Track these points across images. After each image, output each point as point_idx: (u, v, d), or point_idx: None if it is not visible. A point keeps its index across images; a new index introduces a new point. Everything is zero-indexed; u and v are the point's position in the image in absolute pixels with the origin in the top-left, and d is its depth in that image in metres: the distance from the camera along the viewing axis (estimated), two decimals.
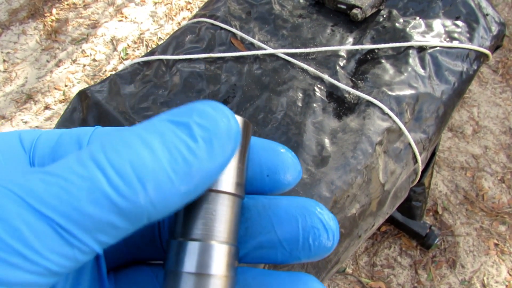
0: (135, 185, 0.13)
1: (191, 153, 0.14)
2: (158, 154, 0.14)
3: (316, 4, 0.79)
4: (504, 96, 1.60)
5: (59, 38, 1.85)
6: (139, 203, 0.13)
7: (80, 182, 0.13)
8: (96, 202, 0.13)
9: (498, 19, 0.75)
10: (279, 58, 0.71)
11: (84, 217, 0.13)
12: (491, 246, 1.27)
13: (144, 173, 0.13)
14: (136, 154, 0.14)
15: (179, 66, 0.70)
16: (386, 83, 0.66)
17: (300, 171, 0.19)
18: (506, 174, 1.41)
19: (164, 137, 0.14)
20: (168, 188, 0.14)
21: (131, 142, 0.14)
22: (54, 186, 0.13)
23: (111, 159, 0.14)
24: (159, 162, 0.14)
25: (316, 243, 0.17)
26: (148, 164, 0.14)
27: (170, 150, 0.14)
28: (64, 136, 0.19)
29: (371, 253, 1.27)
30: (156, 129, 0.14)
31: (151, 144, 0.14)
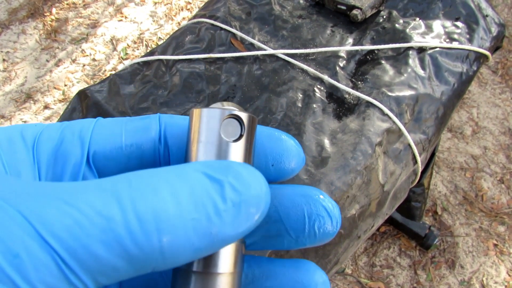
0: (152, 236, 0.13)
1: (217, 215, 0.14)
2: (184, 209, 0.13)
3: (316, 5, 0.79)
4: (503, 97, 1.60)
5: (59, 37, 1.85)
6: (151, 253, 0.13)
7: (96, 219, 0.12)
8: (107, 245, 0.12)
9: (497, 20, 0.75)
10: (279, 58, 0.71)
11: (90, 257, 0.12)
12: (490, 246, 1.27)
13: (165, 225, 0.13)
14: (162, 203, 0.13)
15: (179, 67, 0.70)
16: (386, 84, 0.66)
17: (303, 158, 0.19)
18: (506, 174, 1.41)
19: (194, 191, 0.14)
20: (183, 244, 0.13)
21: (159, 188, 0.13)
22: (68, 218, 0.12)
23: (136, 203, 0.13)
24: (183, 217, 0.13)
25: (321, 230, 0.18)
26: (171, 217, 0.13)
27: (197, 206, 0.13)
28: (66, 131, 0.19)
29: (370, 254, 1.27)
30: (188, 180, 0.14)
31: (179, 195, 0.13)
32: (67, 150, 0.18)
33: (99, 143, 0.19)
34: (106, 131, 0.19)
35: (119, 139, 0.19)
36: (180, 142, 0.20)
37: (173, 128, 0.20)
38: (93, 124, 0.19)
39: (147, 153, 0.19)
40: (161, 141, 0.19)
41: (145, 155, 0.19)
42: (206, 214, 0.14)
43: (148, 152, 0.19)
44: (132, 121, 0.20)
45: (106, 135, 0.19)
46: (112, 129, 0.19)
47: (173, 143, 0.20)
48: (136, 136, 0.19)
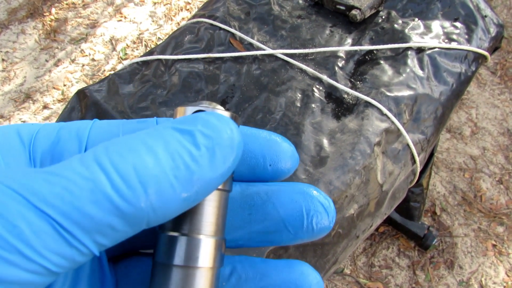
0: (137, 188, 0.14)
1: (194, 161, 0.15)
2: (161, 160, 0.14)
3: (315, 5, 0.79)
4: (502, 98, 1.60)
5: (58, 37, 1.84)
6: (140, 207, 0.14)
7: (83, 183, 0.13)
8: (97, 203, 0.13)
9: (496, 21, 0.76)
10: (278, 58, 0.71)
11: (84, 218, 0.13)
12: (489, 247, 1.28)
13: (147, 178, 0.14)
14: (139, 159, 0.14)
15: (178, 66, 0.70)
16: (384, 84, 0.66)
17: (297, 158, 0.20)
18: (504, 175, 1.41)
19: (168, 144, 0.14)
20: (169, 193, 0.14)
21: (135, 147, 0.14)
22: (57, 186, 0.13)
23: (115, 162, 0.14)
24: (162, 168, 0.14)
25: (318, 225, 0.19)
26: (151, 169, 0.14)
27: (173, 156, 0.14)
28: (63, 130, 0.19)
29: (369, 254, 1.27)
30: (161, 136, 0.15)
31: (155, 150, 0.14)
32: (64, 149, 0.18)
33: (96, 143, 0.19)
34: (103, 132, 0.19)
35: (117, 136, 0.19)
36: None
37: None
38: (90, 125, 0.19)
39: None
40: None
41: None
42: (183, 162, 0.14)
43: None
44: (129, 124, 0.20)
45: (104, 135, 0.19)
46: (109, 129, 0.19)
47: None
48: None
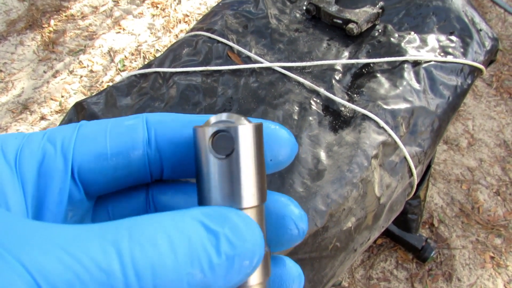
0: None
1: (211, 270, 0.14)
2: (180, 263, 0.13)
3: (312, 18, 0.80)
4: (498, 110, 1.62)
5: (57, 49, 1.85)
6: None
7: (96, 274, 0.12)
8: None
9: (491, 35, 0.76)
10: (275, 71, 0.71)
11: None
12: (487, 259, 1.27)
13: (161, 282, 0.13)
14: (159, 258, 0.13)
15: (176, 79, 0.70)
16: (381, 97, 0.67)
17: (296, 146, 0.19)
18: (501, 187, 1.42)
19: (191, 243, 0.14)
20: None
21: (158, 239, 0.14)
22: (70, 273, 0.12)
23: (135, 256, 0.13)
24: (178, 272, 0.13)
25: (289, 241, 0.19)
26: (168, 273, 0.13)
27: (193, 261, 0.14)
28: (47, 146, 0.18)
29: (367, 266, 1.27)
30: (186, 230, 0.14)
31: (176, 248, 0.14)
32: (50, 166, 0.18)
33: (82, 155, 0.18)
34: (89, 140, 0.18)
35: (104, 148, 0.18)
36: (172, 143, 0.19)
37: (163, 128, 0.19)
38: (75, 133, 0.19)
39: (134, 160, 0.19)
40: (151, 144, 0.19)
41: (132, 162, 0.19)
42: (200, 268, 0.14)
43: (136, 158, 0.19)
44: (117, 125, 0.19)
45: (90, 145, 0.18)
46: (95, 136, 0.19)
47: (165, 145, 0.19)
48: (122, 142, 0.19)
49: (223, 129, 0.16)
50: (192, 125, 0.19)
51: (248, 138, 0.17)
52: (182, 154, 0.19)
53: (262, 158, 0.17)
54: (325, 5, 0.77)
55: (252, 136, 0.17)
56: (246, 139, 0.16)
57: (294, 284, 0.19)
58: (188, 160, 0.19)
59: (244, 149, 0.16)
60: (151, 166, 0.19)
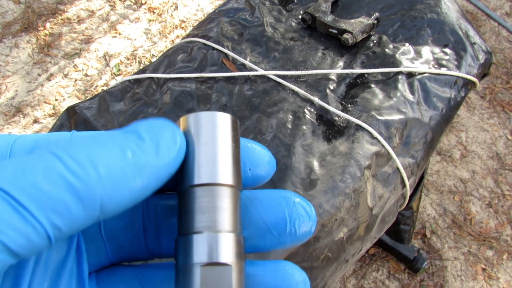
0: (89, 169, 0.14)
1: (140, 149, 0.16)
2: (111, 149, 0.15)
3: (307, 28, 0.80)
4: (491, 122, 1.63)
5: (52, 52, 1.84)
6: (92, 185, 0.14)
7: (36, 164, 0.14)
8: (51, 180, 0.14)
9: (485, 48, 0.77)
10: (270, 79, 0.71)
11: (38, 192, 0.14)
12: (479, 271, 1.27)
13: (97, 161, 0.15)
14: (91, 148, 0.15)
15: (170, 85, 0.70)
16: (375, 108, 0.67)
17: (274, 164, 0.21)
18: (494, 199, 1.42)
19: (115, 139, 0.16)
20: (120, 177, 0.15)
21: (85, 142, 0.15)
22: (10, 166, 0.14)
23: (68, 150, 0.15)
24: (111, 154, 0.15)
25: (301, 229, 0.20)
26: (101, 155, 0.15)
27: (122, 147, 0.16)
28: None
29: (359, 276, 1.26)
30: (109, 134, 0.16)
31: (104, 143, 0.16)
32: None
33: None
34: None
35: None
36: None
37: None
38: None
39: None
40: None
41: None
42: (131, 150, 0.16)
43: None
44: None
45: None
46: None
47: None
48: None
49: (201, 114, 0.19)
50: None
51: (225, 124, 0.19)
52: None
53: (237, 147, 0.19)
54: (320, 14, 0.77)
55: (229, 124, 0.19)
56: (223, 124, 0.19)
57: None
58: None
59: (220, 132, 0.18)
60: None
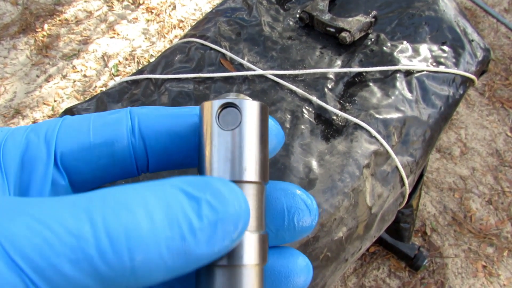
0: (124, 255, 0.12)
1: (192, 234, 0.13)
2: (158, 227, 0.13)
3: (305, 26, 0.80)
4: (490, 119, 1.62)
5: (50, 53, 1.84)
6: (122, 274, 0.13)
7: (66, 238, 0.12)
8: (76, 264, 0.12)
9: (483, 45, 0.77)
10: (268, 79, 0.71)
11: (59, 278, 0.12)
12: (479, 268, 1.27)
13: (137, 244, 0.13)
14: (134, 221, 0.13)
15: (168, 86, 0.70)
16: (373, 106, 0.67)
17: (282, 136, 0.20)
18: (494, 196, 1.42)
19: (169, 208, 0.13)
20: (156, 263, 0.13)
21: (133, 205, 0.13)
22: (37, 236, 0.12)
23: (108, 221, 0.13)
24: (156, 236, 0.13)
25: (300, 223, 0.19)
26: (144, 236, 0.13)
27: (172, 225, 0.13)
28: (31, 134, 0.18)
29: (359, 274, 1.26)
30: (164, 196, 0.14)
31: (153, 213, 0.13)
32: (33, 154, 0.18)
33: (66, 143, 0.18)
34: (73, 130, 0.19)
35: (87, 137, 0.19)
36: (157, 133, 0.19)
37: (148, 119, 0.19)
38: (59, 124, 0.19)
39: (119, 150, 0.19)
40: (135, 134, 0.19)
41: (116, 151, 0.19)
42: (180, 233, 0.13)
43: (120, 148, 0.19)
44: (100, 117, 0.19)
45: (73, 134, 0.18)
46: (79, 127, 0.19)
47: (150, 135, 0.19)
48: (105, 132, 0.19)
49: (230, 102, 0.17)
50: (175, 116, 0.19)
51: (253, 114, 0.17)
52: (166, 143, 0.19)
53: (266, 137, 0.17)
54: (318, 13, 0.77)
55: (257, 113, 0.17)
56: (251, 114, 0.17)
57: (301, 275, 0.19)
58: (173, 150, 0.19)
59: (249, 123, 0.17)
60: (136, 155, 0.19)
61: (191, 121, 0.19)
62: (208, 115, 0.17)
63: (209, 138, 0.17)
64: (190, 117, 0.19)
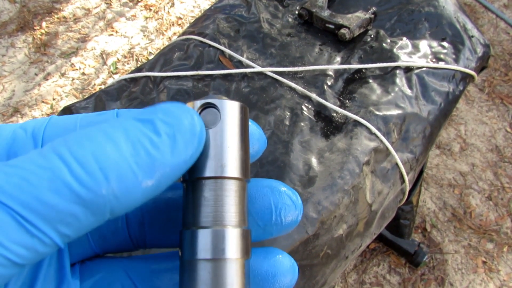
0: (97, 175, 0.13)
1: (154, 147, 0.15)
2: (122, 147, 0.14)
3: (304, 23, 0.80)
4: (490, 115, 1.62)
5: (48, 51, 1.84)
6: (101, 194, 0.13)
7: (41, 172, 0.13)
8: (57, 192, 0.13)
9: (483, 41, 0.77)
10: (267, 76, 0.71)
11: (44, 207, 0.13)
12: (479, 264, 1.27)
13: (107, 164, 0.14)
14: (99, 147, 0.14)
15: (167, 83, 0.70)
16: (373, 103, 0.67)
17: (265, 140, 0.20)
18: (493, 191, 1.42)
19: (128, 132, 0.14)
20: (131, 180, 0.14)
21: (94, 136, 0.14)
22: (15, 176, 0.13)
23: (74, 151, 0.14)
24: (122, 154, 0.14)
25: (287, 218, 0.19)
26: (110, 156, 0.14)
27: (134, 144, 0.14)
28: (18, 130, 0.19)
29: (360, 271, 1.26)
30: (121, 125, 0.15)
31: (114, 138, 0.14)
32: (19, 148, 0.18)
33: (52, 139, 0.18)
34: (60, 128, 0.19)
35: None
36: None
37: None
38: (46, 122, 0.19)
39: None
40: None
41: None
42: (144, 149, 0.14)
43: None
44: (87, 117, 0.19)
45: (60, 132, 0.19)
46: (65, 125, 0.19)
47: None
48: None
49: (210, 102, 0.18)
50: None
51: (232, 113, 0.18)
52: None
53: (246, 136, 0.18)
54: (317, 10, 0.77)
55: (237, 112, 0.18)
56: (231, 114, 0.18)
57: (287, 275, 0.20)
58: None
59: (228, 122, 0.17)
60: None
61: None
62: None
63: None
64: None
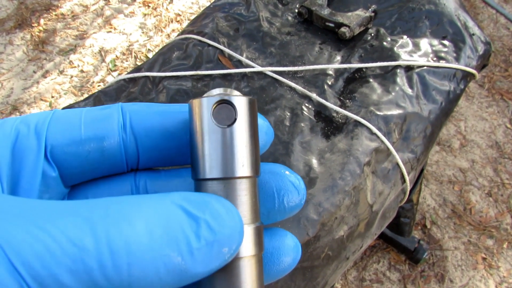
0: (123, 270, 0.13)
1: (189, 253, 0.14)
2: (157, 244, 0.13)
3: (304, 22, 0.79)
4: (490, 111, 1.62)
5: (47, 48, 1.83)
6: (118, 286, 0.13)
7: (68, 248, 0.12)
8: (76, 275, 0.12)
9: (484, 39, 0.76)
10: (267, 76, 0.70)
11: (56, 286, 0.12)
12: (479, 260, 1.28)
13: (136, 260, 0.13)
14: (134, 235, 0.13)
15: (166, 83, 0.69)
16: (374, 103, 0.66)
17: (272, 132, 0.20)
18: (493, 188, 1.42)
19: (169, 226, 0.14)
20: (152, 278, 0.13)
21: (135, 220, 0.13)
22: (39, 244, 0.12)
23: (110, 233, 0.13)
24: (154, 252, 0.13)
25: (290, 204, 0.19)
26: (143, 251, 0.13)
27: (171, 242, 0.13)
28: (21, 126, 0.18)
29: (360, 268, 1.26)
30: (165, 213, 0.14)
31: (153, 230, 0.13)
32: (23, 146, 0.18)
33: (56, 136, 0.18)
34: (63, 124, 0.19)
35: (77, 131, 0.19)
36: (149, 129, 0.19)
37: (139, 115, 0.19)
38: (49, 117, 0.19)
39: (109, 145, 0.19)
40: (126, 130, 0.19)
41: (107, 147, 0.19)
42: (178, 251, 0.14)
43: (110, 143, 0.19)
44: (91, 112, 0.19)
45: (63, 128, 0.18)
46: (69, 121, 0.19)
47: (141, 131, 0.19)
48: (96, 127, 0.19)
49: (225, 99, 0.17)
50: (167, 113, 0.20)
51: (246, 109, 0.17)
52: (158, 140, 0.19)
53: (256, 131, 0.18)
54: (317, 8, 0.76)
55: (249, 108, 0.17)
56: (244, 110, 0.17)
57: (291, 254, 0.20)
58: (164, 147, 0.20)
59: (243, 119, 0.17)
60: (127, 152, 0.19)
61: (182, 118, 0.20)
62: (201, 113, 0.17)
63: (204, 136, 0.17)
64: (181, 114, 0.20)
